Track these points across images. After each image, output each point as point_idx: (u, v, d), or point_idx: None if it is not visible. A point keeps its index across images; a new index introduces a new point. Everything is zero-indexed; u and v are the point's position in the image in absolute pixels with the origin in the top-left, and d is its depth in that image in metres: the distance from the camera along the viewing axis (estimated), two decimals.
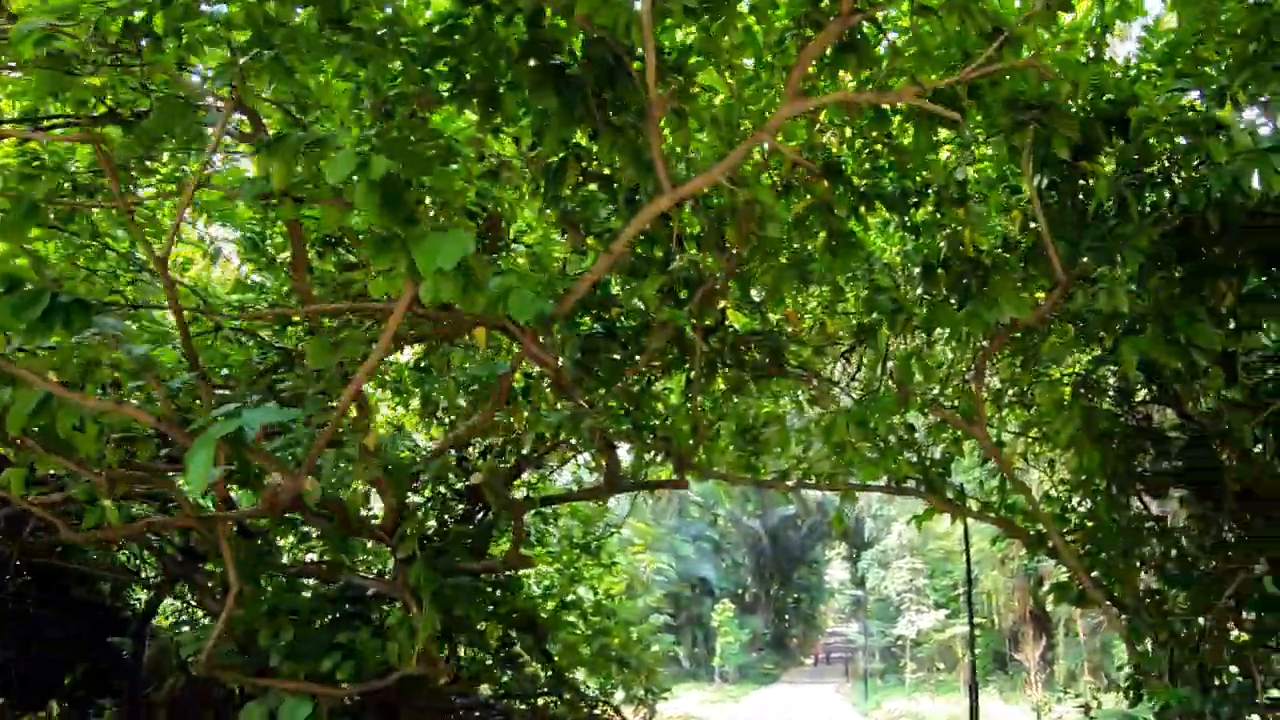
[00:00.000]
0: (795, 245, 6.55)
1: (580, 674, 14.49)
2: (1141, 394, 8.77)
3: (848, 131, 6.25)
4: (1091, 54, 5.92)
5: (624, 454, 11.55)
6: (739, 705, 33.31)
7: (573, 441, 10.50)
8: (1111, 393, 8.74)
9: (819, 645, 57.74)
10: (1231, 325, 5.74)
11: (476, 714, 13.50)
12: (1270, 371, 7.10)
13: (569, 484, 13.77)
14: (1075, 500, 8.83)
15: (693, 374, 7.82)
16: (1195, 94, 5.63)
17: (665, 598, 36.43)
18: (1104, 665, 25.79)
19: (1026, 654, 30.05)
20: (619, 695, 15.24)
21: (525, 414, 7.15)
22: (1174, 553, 7.61)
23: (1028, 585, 30.76)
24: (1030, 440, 10.33)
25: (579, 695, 13.87)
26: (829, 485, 8.13)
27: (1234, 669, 6.54)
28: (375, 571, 9.52)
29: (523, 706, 14.00)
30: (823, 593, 57.06)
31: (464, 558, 9.60)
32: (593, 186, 6.15)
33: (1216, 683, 6.43)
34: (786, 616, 55.02)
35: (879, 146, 6.10)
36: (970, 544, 21.37)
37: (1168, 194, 5.63)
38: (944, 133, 6.11)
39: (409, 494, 11.25)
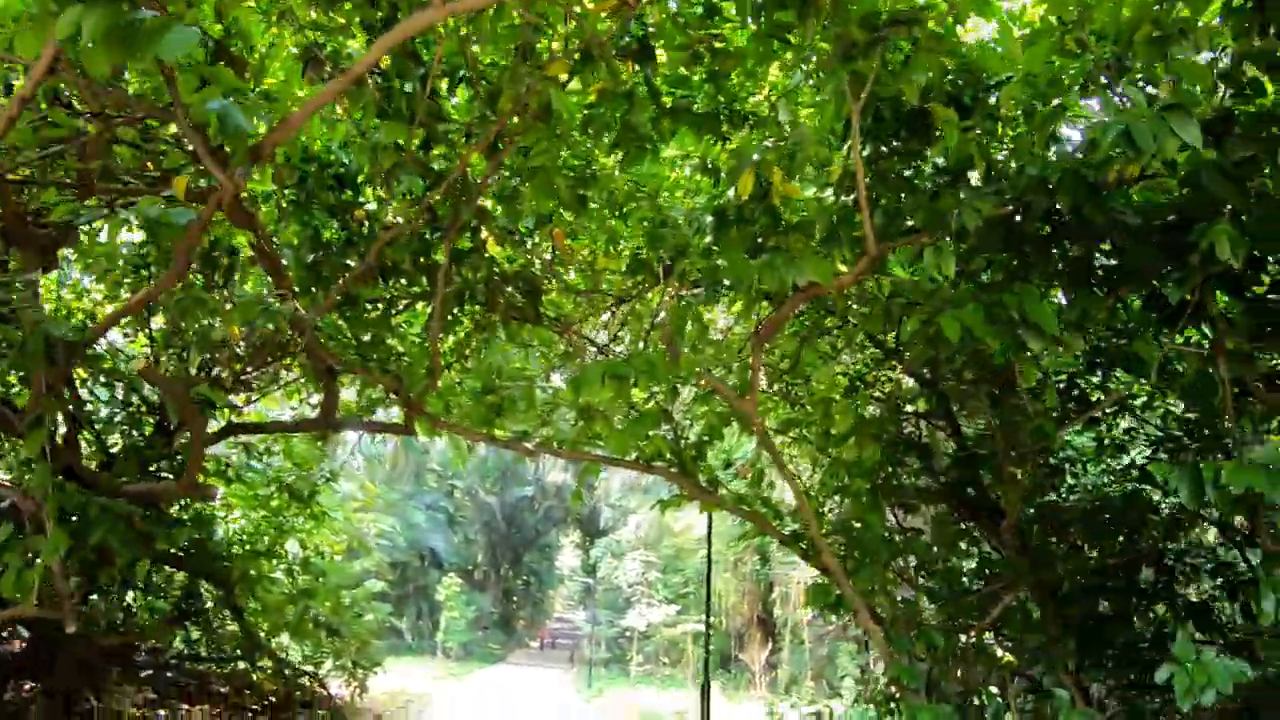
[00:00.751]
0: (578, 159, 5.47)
1: (285, 638, 12.93)
2: (910, 408, 8.44)
3: (669, 27, 5.19)
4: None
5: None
6: (462, 683, 32.16)
7: (291, 364, 9.09)
8: (882, 399, 8.34)
9: (546, 630, 57.41)
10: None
11: (168, 675, 11.68)
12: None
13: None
14: (828, 505, 8.41)
15: (435, 307, 6.62)
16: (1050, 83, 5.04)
17: (391, 565, 34.72)
18: (827, 674, 26.49)
19: (751, 656, 30.71)
20: (327, 665, 13.82)
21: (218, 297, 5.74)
22: (932, 567, 7.30)
23: (758, 590, 31.49)
24: (790, 440, 9.86)
25: (280, 661, 12.25)
26: (573, 454, 7.11)
27: (993, 689, 6.24)
28: None
29: (219, 671, 12.31)
30: (553, 578, 56.82)
31: (133, 478, 7.95)
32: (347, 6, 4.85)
33: (976, 701, 6.07)
34: (515, 598, 54.32)
35: (701, 48, 5.07)
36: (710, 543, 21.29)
37: (1013, 164, 4.97)
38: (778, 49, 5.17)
39: (99, 402, 9.43)
